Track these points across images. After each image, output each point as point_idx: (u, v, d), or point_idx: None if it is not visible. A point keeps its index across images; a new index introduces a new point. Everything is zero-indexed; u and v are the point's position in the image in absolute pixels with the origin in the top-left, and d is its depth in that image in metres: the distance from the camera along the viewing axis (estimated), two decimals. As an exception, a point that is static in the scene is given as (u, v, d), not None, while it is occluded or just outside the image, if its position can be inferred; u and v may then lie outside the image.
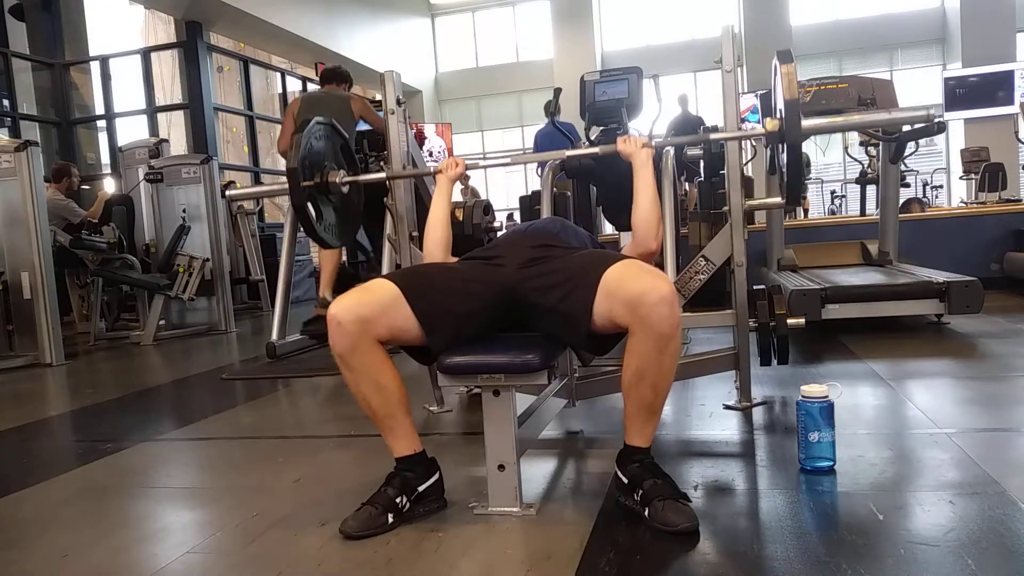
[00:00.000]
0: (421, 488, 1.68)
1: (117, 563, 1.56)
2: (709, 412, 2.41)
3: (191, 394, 3.70)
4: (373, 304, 1.62)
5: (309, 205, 2.21)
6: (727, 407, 2.44)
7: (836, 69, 12.32)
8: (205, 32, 9.15)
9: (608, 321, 1.55)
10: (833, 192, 10.75)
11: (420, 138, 10.83)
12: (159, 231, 6.18)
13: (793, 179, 2.04)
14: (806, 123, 2.00)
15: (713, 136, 2.26)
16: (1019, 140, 7.92)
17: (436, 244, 2.09)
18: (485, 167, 2.90)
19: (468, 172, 3.25)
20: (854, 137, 7.27)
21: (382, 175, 2.50)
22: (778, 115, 2.05)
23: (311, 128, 2.25)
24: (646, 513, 1.52)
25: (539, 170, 6.34)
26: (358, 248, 4.99)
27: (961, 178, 9.44)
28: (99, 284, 5.76)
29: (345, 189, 2.33)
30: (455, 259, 2.01)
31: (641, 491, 1.55)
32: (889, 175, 4.47)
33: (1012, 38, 11.40)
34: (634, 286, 1.50)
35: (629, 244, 2.01)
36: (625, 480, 1.60)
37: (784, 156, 2.05)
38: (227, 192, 2.80)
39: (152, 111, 9.33)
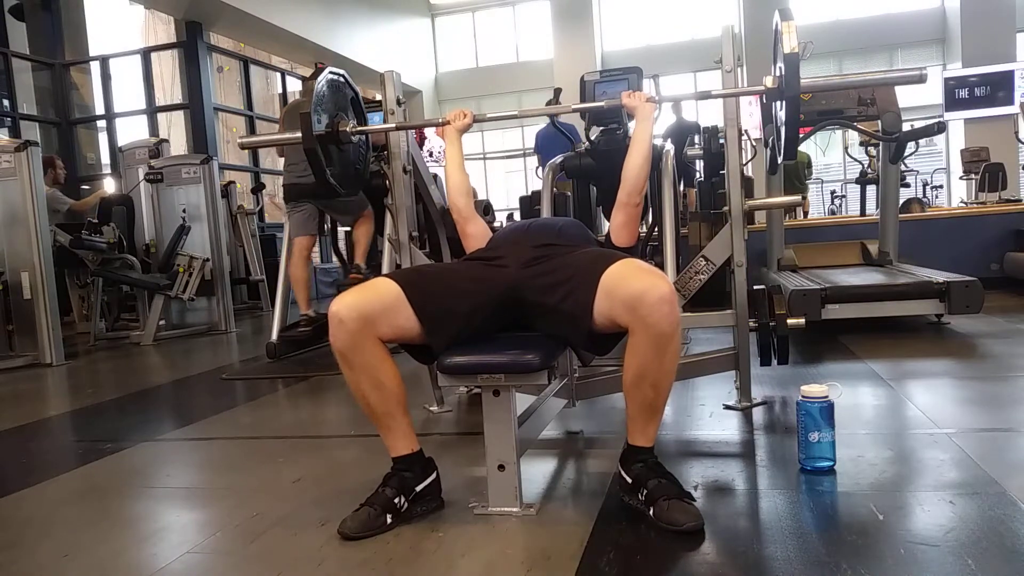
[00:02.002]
0: (419, 488, 1.68)
1: (117, 563, 1.56)
2: (709, 412, 2.41)
3: (191, 394, 3.70)
4: (375, 302, 1.62)
5: (320, 152, 2.25)
6: (727, 407, 2.44)
7: (836, 69, 12.32)
8: (205, 32, 9.16)
9: (608, 320, 1.55)
10: (833, 192, 10.75)
11: (420, 138, 10.83)
12: (159, 231, 6.19)
13: (790, 134, 2.12)
14: (804, 81, 2.07)
15: (715, 92, 2.31)
16: (1019, 140, 7.92)
17: (457, 191, 2.23)
18: (492, 119, 2.93)
19: (470, 177, 3.22)
20: (854, 137, 7.26)
21: (391, 125, 2.53)
22: (778, 71, 2.09)
23: (324, 76, 2.30)
24: (651, 513, 1.52)
25: (539, 170, 6.34)
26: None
27: (961, 178, 9.44)
28: (99, 284, 5.76)
29: (355, 139, 2.40)
30: (455, 260, 2.01)
31: (646, 491, 1.55)
32: (889, 175, 4.47)
33: (1012, 38, 11.39)
34: (634, 285, 1.50)
35: (615, 214, 2.09)
36: (629, 480, 1.60)
37: (782, 114, 2.09)
38: (240, 140, 2.84)
39: (152, 111, 9.33)
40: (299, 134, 2.22)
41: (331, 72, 2.35)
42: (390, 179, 2.64)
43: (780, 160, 2.36)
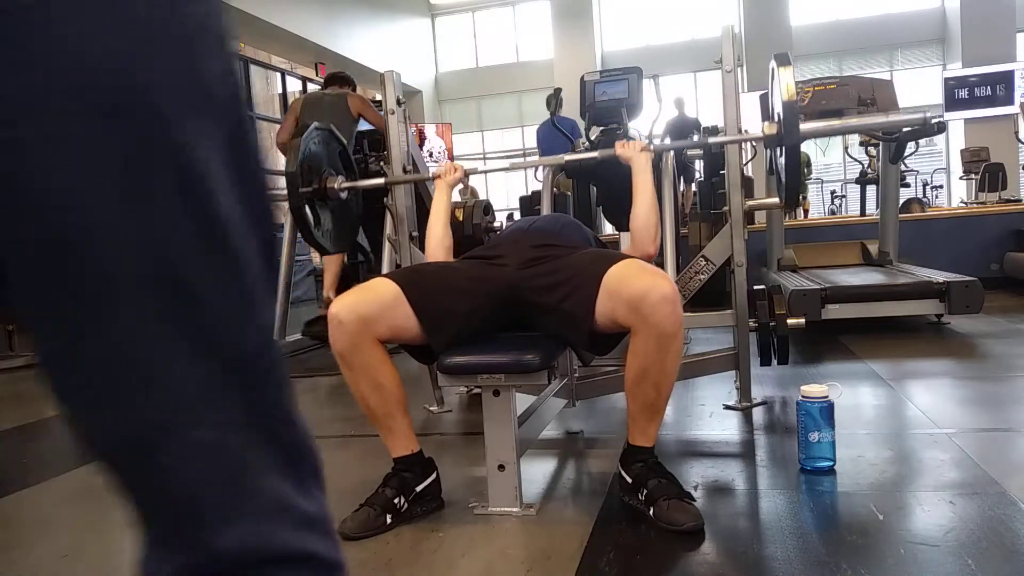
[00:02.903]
0: (419, 488, 1.68)
1: (117, 563, 1.56)
2: (709, 412, 2.41)
3: (191, 394, 3.69)
4: (374, 303, 1.62)
5: (307, 210, 2.21)
6: (727, 407, 2.44)
7: (836, 69, 12.31)
8: (205, 32, 9.14)
9: (610, 320, 1.55)
10: (833, 192, 10.74)
11: (420, 139, 10.83)
12: (159, 231, 6.18)
13: (791, 182, 2.04)
14: (804, 126, 2.01)
15: (712, 140, 2.26)
16: (1019, 140, 7.92)
17: (438, 246, 2.10)
18: (484, 172, 2.88)
19: (468, 180, 3.21)
20: (854, 137, 7.27)
21: (381, 180, 2.50)
22: (776, 118, 2.05)
23: (309, 133, 2.25)
24: (651, 512, 1.52)
25: (538, 171, 6.33)
26: (357, 249, 4.99)
27: (961, 178, 9.44)
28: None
29: (344, 195, 2.32)
30: (457, 260, 2.01)
31: (646, 490, 1.55)
32: (889, 175, 4.47)
33: (1012, 38, 11.39)
34: (636, 285, 1.50)
35: (627, 247, 2.02)
36: (629, 480, 1.60)
37: (783, 160, 2.05)
38: None
39: (152, 111, 9.31)
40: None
41: (317, 128, 2.30)
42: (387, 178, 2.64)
43: (783, 208, 2.33)
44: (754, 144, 3.10)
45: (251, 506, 0.44)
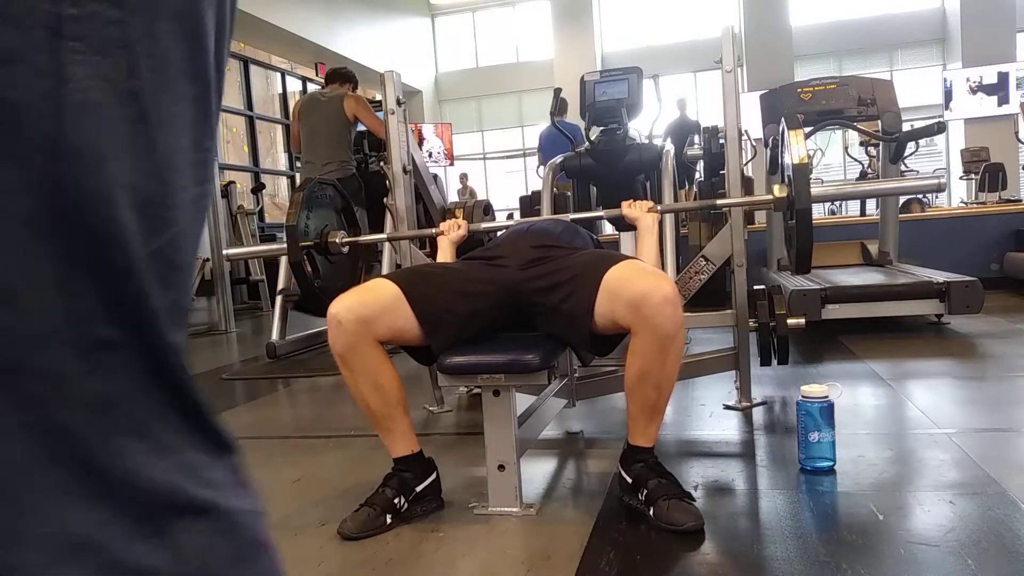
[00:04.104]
0: (419, 488, 1.68)
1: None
2: (709, 412, 2.41)
3: (191, 394, 3.69)
4: (374, 304, 1.62)
5: (306, 263, 2.21)
6: (727, 407, 2.44)
7: (836, 69, 12.31)
8: (205, 32, 9.14)
9: (610, 321, 1.55)
10: (833, 192, 10.74)
11: (419, 139, 10.82)
12: (159, 231, 6.18)
13: (803, 247, 1.93)
14: (815, 191, 1.93)
15: (720, 202, 2.24)
16: (1019, 140, 7.92)
17: None
18: (487, 230, 2.88)
19: (467, 180, 3.17)
20: (854, 137, 7.26)
21: (383, 236, 2.50)
22: (787, 181, 2.01)
23: (312, 187, 2.26)
24: (651, 513, 1.53)
25: (540, 170, 6.33)
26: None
27: (961, 178, 9.44)
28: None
29: (345, 250, 2.33)
30: (457, 261, 2.01)
31: (646, 491, 1.55)
32: (889, 175, 4.47)
33: (1012, 38, 11.39)
34: (637, 286, 1.50)
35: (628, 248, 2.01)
36: (629, 480, 1.60)
37: (793, 223, 1.97)
38: (225, 251, 2.84)
39: (152, 111, 9.32)
40: (283, 241, 2.20)
41: (321, 180, 2.32)
42: (390, 179, 2.64)
43: (794, 273, 2.25)
44: (754, 144, 3.10)
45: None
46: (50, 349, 0.36)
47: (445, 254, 2.16)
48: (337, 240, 2.28)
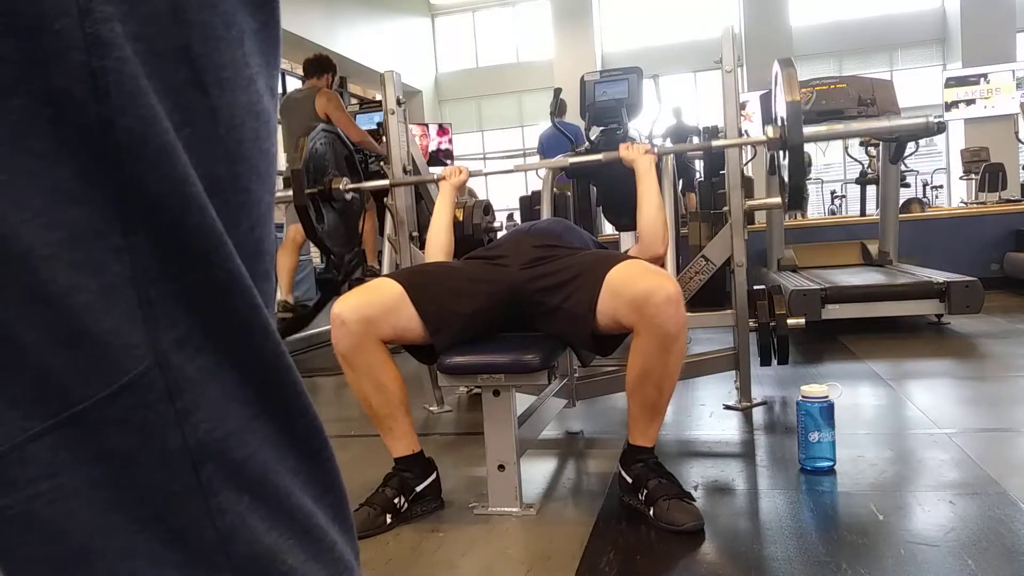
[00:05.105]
0: (419, 488, 1.68)
1: None
2: (709, 412, 2.41)
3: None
4: (377, 304, 1.62)
5: (311, 208, 2.22)
6: (727, 407, 2.44)
7: (836, 69, 12.31)
8: (205, 32, 9.13)
9: (612, 321, 1.55)
10: (833, 192, 10.74)
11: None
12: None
13: (795, 184, 2.02)
14: (807, 129, 1.99)
15: (715, 143, 2.26)
16: (1019, 140, 7.92)
17: (439, 250, 2.09)
18: (487, 174, 2.88)
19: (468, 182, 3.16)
20: (854, 138, 7.26)
21: (385, 182, 2.51)
22: (779, 122, 2.05)
23: (316, 133, 2.27)
24: (651, 512, 1.53)
25: (539, 170, 6.33)
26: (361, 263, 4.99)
27: (961, 178, 9.43)
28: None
29: (348, 196, 2.34)
30: (459, 260, 2.01)
31: (646, 491, 1.55)
32: (889, 175, 4.47)
33: (1012, 38, 11.39)
34: (639, 286, 1.50)
35: (635, 247, 2.01)
36: (629, 480, 1.60)
37: (786, 161, 2.04)
38: None
39: (152, 111, 9.31)
40: (290, 192, 2.20)
41: (324, 129, 2.32)
42: (390, 179, 2.64)
43: (786, 210, 2.31)
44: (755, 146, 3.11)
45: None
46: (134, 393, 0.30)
47: (446, 200, 2.19)
48: (341, 186, 2.29)
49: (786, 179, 2.06)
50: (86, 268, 0.29)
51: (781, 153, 2.11)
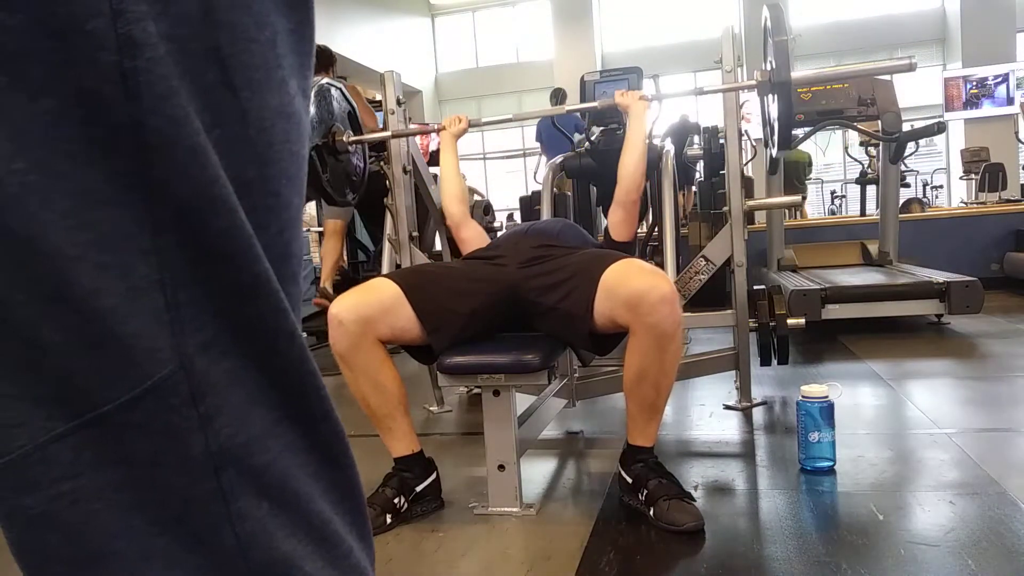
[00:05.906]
0: (419, 488, 1.68)
1: None
2: (709, 412, 2.41)
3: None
4: (375, 304, 1.62)
5: (315, 158, 2.28)
6: (727, 407, 2.44)
7: (836, 69, 12.31)
8: (205, 32, 9.13)
9: (609, 320, 1.55)
10: (833, 192, 10.75)
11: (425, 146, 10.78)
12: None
13: (783, 125, 2.08)
14: (795, 74, 2.04)
15: (707, 89, 2.30)
16: (1019, 140, 7.92)
17: (452, 197, 2.22)
18: (488, 123, 2.91)
19: (468, 182, 3.17)
20: (854, 137, 7.26)
21: (387, 133, 2.56)
22: (768, 65, 2.08)
23: (322, 87, 2.34)
24: (651, 513, 1.52)
25: (542, 159, 6.32)
26: (358, 247, 4.98)
27: (961, 178, 9.43)
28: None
29: (352, 148, 2.44)
30: (457, 260, 2.01)
31: (646, 491, 1.55)
32: (889, 175, 4.47)
33: (1012, 38, 11.38)
34: (635, 285, 1.50)
35: (612, 205, 2.09)
36: (629, 480, 1.60)
37: (775, 105, 2.08)
38: None
39: (152, 111, 9.31)
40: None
41: (329, 83, 2.37)
42: (390, 179, 2.64)
43: (775, 152, 2.33)
44: (754, 144, 3.10)
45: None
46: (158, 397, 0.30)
47: (448, 150, 2.32)
48: (344, 139, 2.37)
49: (774, 123, 2.10)
50: (113, 270, 0.29)
51: (770, 98, 2.16)
